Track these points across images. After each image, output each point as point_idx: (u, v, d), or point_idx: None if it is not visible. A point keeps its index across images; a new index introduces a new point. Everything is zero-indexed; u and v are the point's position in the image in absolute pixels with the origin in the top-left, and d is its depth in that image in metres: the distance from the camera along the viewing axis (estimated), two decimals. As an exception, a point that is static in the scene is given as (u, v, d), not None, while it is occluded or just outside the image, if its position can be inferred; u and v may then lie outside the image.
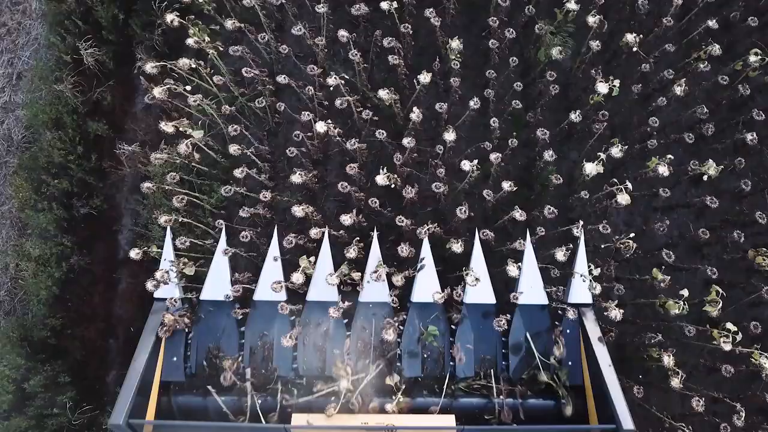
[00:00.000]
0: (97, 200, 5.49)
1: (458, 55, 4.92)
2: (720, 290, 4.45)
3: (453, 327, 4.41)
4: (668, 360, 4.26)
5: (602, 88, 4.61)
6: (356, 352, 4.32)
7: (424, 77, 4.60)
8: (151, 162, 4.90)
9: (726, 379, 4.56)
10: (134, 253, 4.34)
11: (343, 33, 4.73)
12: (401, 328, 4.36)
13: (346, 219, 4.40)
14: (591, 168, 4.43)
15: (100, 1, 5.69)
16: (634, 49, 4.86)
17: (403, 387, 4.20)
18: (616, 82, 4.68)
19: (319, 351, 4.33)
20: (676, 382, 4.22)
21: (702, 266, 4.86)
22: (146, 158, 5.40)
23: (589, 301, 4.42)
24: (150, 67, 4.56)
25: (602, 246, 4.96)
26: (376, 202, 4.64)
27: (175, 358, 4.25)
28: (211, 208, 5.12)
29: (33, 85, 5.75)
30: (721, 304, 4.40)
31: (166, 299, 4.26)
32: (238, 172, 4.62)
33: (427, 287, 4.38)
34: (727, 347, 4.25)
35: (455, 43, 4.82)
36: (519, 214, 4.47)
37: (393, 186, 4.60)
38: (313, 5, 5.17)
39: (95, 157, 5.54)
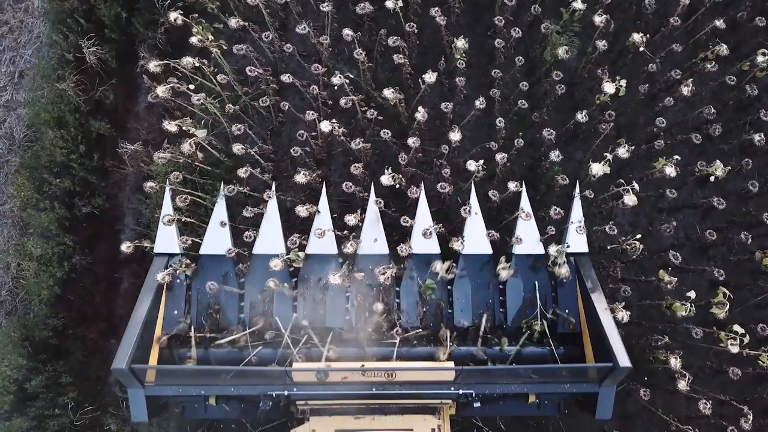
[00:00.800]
0: (99, 199, 5.45)
1: (463, 55, 4.89)
2: (727, 292, 4.41)
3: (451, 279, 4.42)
4: (675, 362, 4.23)
5: (609, 88, 4.57)
6: (356, 303, 4.38)
7: (430, 77, 4.57)
8: (154, 161, 4.86)
9: (732, 381, 4.52)
10: (125, 246, 4.34)
11: (347, 32, 4.70)
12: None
13: (351, 219, 4.37)
14: (597, 168, 4.39)
15: (102, -1, 5.66)
16: (641, 48, 4.82)
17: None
18: (623, 82, 4.64)
19: (319, 303, 4.37)
20: (683, 385, 4.19)
21: (708, 268, 4.82)
22: (149, 157, 5.36)
23: (585, 250, 4.45)
24: (153, 65, 4.54)
25: (608, 247, 4.92)
26: (380, 203, 4.61)
27: (176, 312, 4.32)
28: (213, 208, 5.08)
29: (35, 83, 5.72)
30: (728, 307, 4.37)
31: (166, 254, 4.34)
32: (241, 172, 4.58)
33: (424, 239, 4.43)
34: (735, 350, 4.22)
35: (461, 43, 4.79)
36: (525, 215, 4.44)
37: (398, 186, 4.57)
38: (317, 4, 5.13)
39: (97, 156, 5.51)
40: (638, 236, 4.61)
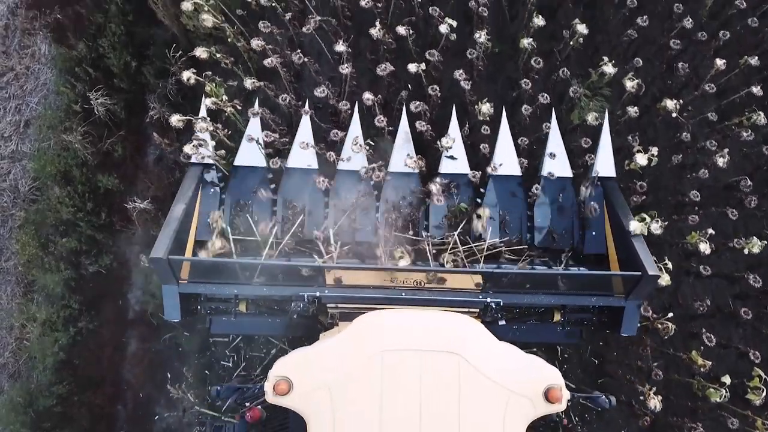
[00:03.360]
0: (106, 258, 5.26)
1: (488, 118, 4.69)
2: (763, 375, 4.22)
3: (478, 201, 4.50)
4: (711, 456, 4.04)
5: (641, 159, 4.37)
6: (385, 219, 4.42)
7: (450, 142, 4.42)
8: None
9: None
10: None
11: (368, 96, 4.51)
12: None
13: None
14: None
15: (112, 47, 5.46)
16: (674, 114, 4.62)
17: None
18: (655, 151, 4.44)
19: (350, 218, 4.39)
20: (719, 481, 4.00)
21: (742, 347, 4.63)
22: (157, 216, 5.17)
23: (613, 174, 4.46)
24: (176, 120, 4.36)
25: (638, 324, 4.70)
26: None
27: (209, 219, 4.31)
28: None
29: (41, 134, 5.53)
30: (765, 393, 4.17)
31: (199, 164, 4.36)
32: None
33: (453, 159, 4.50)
34: (773, 442, 4.03)
35: (485, 107, 4.58)
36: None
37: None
38: (335, 61, 4.94)
39: (105, 212, 5.31)
40: (670, 315, 4.41)
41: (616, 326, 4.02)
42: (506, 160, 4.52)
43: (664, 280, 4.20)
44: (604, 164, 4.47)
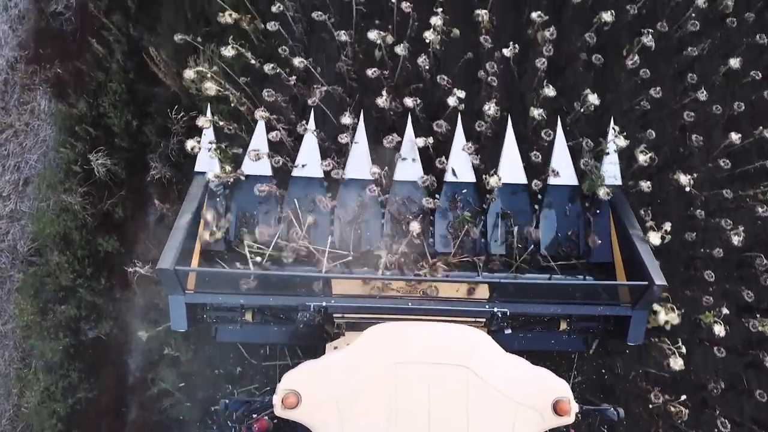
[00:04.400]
0: (106, 324, 5.15)
1: (496, 188, 4.59)
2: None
3: (484, 206, 4.50)
4: None
5: (654, 239, 4.27)
6: (391, 228, 4.40)
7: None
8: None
9: None
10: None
11: (375, 170, 4.41)
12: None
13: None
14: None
15: (112, 105, 5.36)
16: (687, 189, 4.52)
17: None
18: (668, 226, 4.35)
19: (355, 226, 4.39)
20: None
21: (757, 429, 4.53)
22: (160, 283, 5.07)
23: (618, 182, 4.46)
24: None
25: (651, 405, 4.60)
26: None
27: (214, 228, 4.32)
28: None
29: (41, 193, 5.42)
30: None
31: (206, 172, 4.33)
32: None
33: (459, 167, 4.50)
34: None
35: (494, 180, 4.48)
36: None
37: None
38: (340, 125, 4.85)
39: (105, 277, 5.20)
40: (683, 398, 4.31)
41: (623, 335, 4.01)
42: (511, 168, 4.52)
43: (678, 364, 4.14)
44: (610, 173, 4.48)
